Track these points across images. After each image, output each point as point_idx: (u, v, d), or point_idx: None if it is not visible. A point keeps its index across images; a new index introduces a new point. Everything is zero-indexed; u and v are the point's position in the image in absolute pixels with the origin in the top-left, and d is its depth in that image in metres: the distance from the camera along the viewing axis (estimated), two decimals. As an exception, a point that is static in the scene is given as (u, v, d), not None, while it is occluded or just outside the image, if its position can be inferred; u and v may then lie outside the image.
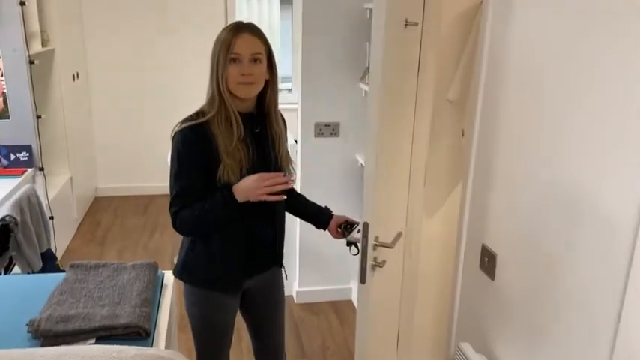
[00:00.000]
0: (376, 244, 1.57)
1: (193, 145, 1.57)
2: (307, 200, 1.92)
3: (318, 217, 1.86)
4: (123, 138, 4.81)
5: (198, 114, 1.60)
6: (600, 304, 1.03)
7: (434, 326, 2.21)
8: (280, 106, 1.75)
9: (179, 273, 1.71)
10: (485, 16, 1.44)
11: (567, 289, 1.13)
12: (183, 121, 1.60)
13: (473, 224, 1.55)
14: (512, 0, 1.32)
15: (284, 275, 1.90)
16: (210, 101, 1.59)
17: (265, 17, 5.67)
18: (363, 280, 1.54)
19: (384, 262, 1.59)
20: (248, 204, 1.58)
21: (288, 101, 5.04)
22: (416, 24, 1.59)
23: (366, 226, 1.50)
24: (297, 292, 3.24)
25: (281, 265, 1.86)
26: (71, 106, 4.02)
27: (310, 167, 3.02)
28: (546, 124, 1.19)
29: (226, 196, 1.57)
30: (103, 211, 4.56)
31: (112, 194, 4.88)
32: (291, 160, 1.77)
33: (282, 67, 5.78)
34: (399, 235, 1.69)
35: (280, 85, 6.79)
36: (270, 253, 1.79)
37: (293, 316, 3.11)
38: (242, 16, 5.50)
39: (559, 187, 1.15)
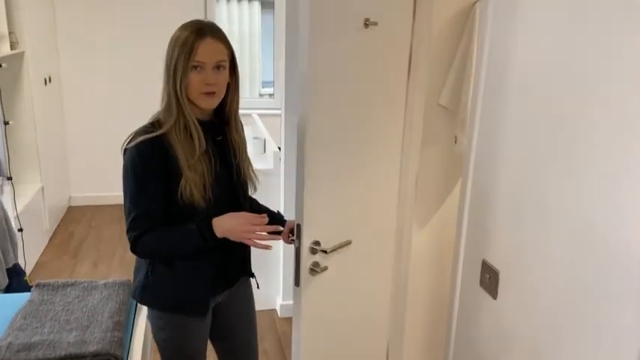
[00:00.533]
0: (314, 248, 1.50)
1: (151, 160, 1.43)
2: (260, 205, 1.79)
3: (271, 222, 1.73)
4: (98, 145, 4.63)
5: (154, 124, 1.46)
6: (619, 335, 0.93)
7: (427, 347, 2.12)
8: (263, 112, 1.66)
9: (139, 297, 1.56)
10: (484, 16, 1.35)
11: (580, 312, 1.03)
12: (138, 134, 1.45)
13: (472, 238, 1.45)
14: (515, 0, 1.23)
15: (255, 285, 1.77)
16: (167, 109, 1.45)
17: (246, 21, 5.56)
18: (297, 282, 1.51)
19: (325, 268, 1.54)
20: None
21: (271, 107, 4.93)
22: (376, 24, 1.52)
23: (298, 227, 1.48)
24: (281, 305, 3.11)
25: (250, 275, 1.73)
26: (42, 112, 3.84)
27: (295, 174, 2.90)
28: (553, 134, 1.10)
29: (205, 231, 1.44)
30: (76, 222, 4.37)
31: (86, 203, 4.69)
32: (252, 166, 1.66)
33: (265, 72, 5.67)
34: (347, 242, 1.63)
35: (262, 90, 6.64)
36: (239, 266, 1.68)
37: (276, 330, 2.99)
38: (222, 20, 5.38)
39: (569, 201, 1.06)
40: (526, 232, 1.21)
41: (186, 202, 1.44)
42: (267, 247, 1.48)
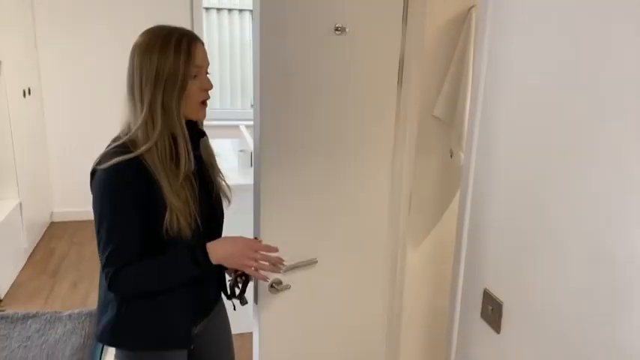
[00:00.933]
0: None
1: (128, 184, 1.26)
2: None
3: None
4: (81, 158, 4.44)
5: (125, 145, 1.28)
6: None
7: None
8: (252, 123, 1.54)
9: (109, 338, 1.36)
10: (483, 21, 1.22)
11: (597, 353, 0.90)
12: (110, 155, 1.27)
13: (472, 264, 1.32)
14: (515, 5, 1.10)
15: (233, 307, 1.61)
16: (147, 128, 1.28)
17: (237, 32, 5.46)
18: (255, 299, 1.45)
19: (287, 286, 1.48)
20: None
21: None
22: (345, 30, 1.47)
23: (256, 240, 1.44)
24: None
25: (228, 297, 1.57)
26: (21, 125, 3.69)
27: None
28: (562, 147, 0.97)
29: (200, 258, 1.29)
30: (58, 238, 4.20)
31: (69, 219, 4.52)
32: (223, 176, 1.52)
33: (254, 82, 5.55)
34: (313, 261, 1.53)
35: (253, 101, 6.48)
36: (217, 292, 1.55)
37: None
38: (212, 30, 5.27)
39: (583, 222, 0.93)
40: (534, 259, 1.07)
41: (170, 234, 1.28)
42: (265, 279, 1.36)
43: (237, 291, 1.57)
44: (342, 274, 1.67)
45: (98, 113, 4.45)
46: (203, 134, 1.44)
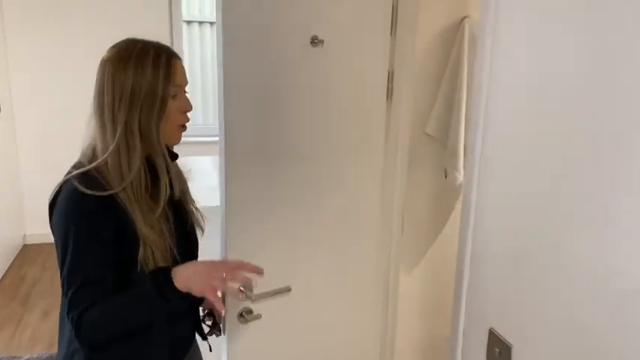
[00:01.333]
0: (244, 292, 1.35)
1: (100, 215, 1.10)
2: None
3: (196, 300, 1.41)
4: (57, 177, 4.23)
5: (91, 174, 1.12)
6: None
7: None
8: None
9: None
10: (484, 27, 1.10)
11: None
12: (72, 185, 1.12)
13: (475, 300, 1.18)
14: (519, 15, 0.98)
15: (209, 349, 1.45)
16: (121, 155, 1.12)
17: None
18: (223, 329, 1.38)
19: (258, 316, 1.39)
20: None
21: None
22: (322, 42, 1.39)
23: None
24: None
25: (204, 337, 1.42)
26: (-11, 144, 3.50)
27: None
28: (578, 167, 0.85)
29: (164, 287, 1.10)
30: (30, 263, 3.98)
31: (44, 241, 4.31)
32: (195, 203, 1.38)
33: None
34: (287, 289, 1.44)
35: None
36: (191, 329, 1.37)
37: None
38: (194, 45, 5.12)
39: (603, 254, 0.80)
40: (547, 294, 0.94)
41: (145, 271, 1.12)
42: (219, 309, 1.12)
43: (209, 324, 1.43)
44: (323, 303, 1.54)
45: (73, 130, 4.26)
46: (176, 157, 1.29)
